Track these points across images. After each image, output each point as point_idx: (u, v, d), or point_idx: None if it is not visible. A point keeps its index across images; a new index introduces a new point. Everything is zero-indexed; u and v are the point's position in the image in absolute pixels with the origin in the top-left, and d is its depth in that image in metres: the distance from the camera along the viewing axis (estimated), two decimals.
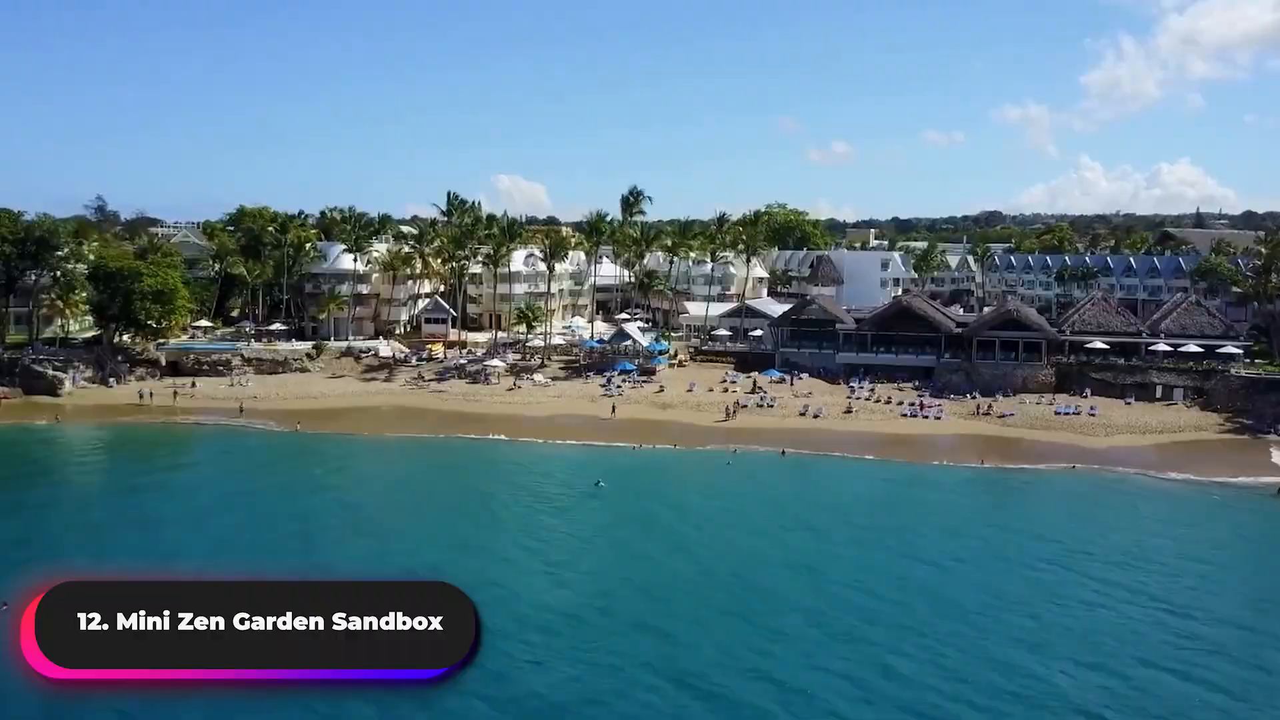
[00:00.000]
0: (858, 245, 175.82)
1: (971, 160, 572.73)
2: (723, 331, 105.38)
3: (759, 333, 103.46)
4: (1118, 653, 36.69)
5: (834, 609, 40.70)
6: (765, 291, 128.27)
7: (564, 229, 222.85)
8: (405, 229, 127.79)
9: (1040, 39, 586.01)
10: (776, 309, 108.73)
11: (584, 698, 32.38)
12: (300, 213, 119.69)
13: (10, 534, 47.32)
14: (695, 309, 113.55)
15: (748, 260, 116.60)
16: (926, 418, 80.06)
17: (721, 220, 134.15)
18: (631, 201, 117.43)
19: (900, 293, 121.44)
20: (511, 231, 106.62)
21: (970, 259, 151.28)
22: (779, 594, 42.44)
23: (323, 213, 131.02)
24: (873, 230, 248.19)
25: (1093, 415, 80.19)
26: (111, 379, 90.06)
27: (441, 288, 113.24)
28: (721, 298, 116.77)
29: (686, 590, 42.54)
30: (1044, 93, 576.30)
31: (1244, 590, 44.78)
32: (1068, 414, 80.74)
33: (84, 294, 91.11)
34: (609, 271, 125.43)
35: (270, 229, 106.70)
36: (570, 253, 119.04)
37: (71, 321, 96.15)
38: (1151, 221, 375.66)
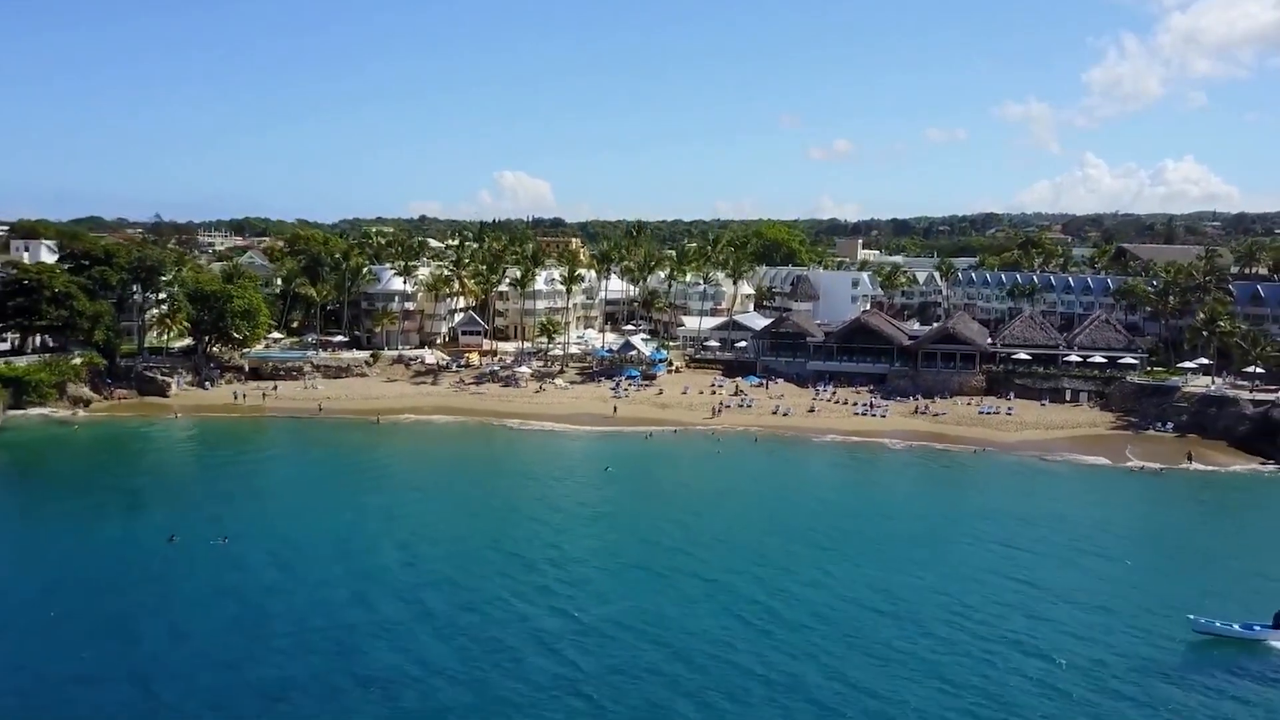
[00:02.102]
0: (839, 260, 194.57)
1: (975, 157, 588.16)
2: (713, 342, 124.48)
3: (744, 344, 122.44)
4: (953, 555, 55.52)
5: (779, 531, 59.98)
6: (752, 306, 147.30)
7: (574, 241, 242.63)
8: (433, 242, 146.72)
9: (1042, 37, 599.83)
10: (760, 322, 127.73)
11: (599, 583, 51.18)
12: (345, 233, 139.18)
13: (219, 503, 66.81)
14: (691, 322, 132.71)
15: (735, 280, 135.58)
16: (874, 415, 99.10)
17: (716, 240, 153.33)
18: (634, 233, 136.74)
19: (868, 306, 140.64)
20: (536, 258, 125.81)
21: (937, 275, 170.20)
22: (744, 513, 62.13)
23: (365, 235, 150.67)
24: (860, 241, 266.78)
25: (1009, 415, 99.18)
26: (206, 383, 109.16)
27: (473, 303, 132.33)
28: (713, 312, 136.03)
29: (674, 509, 61.47)
30: (1046, 90, 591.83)
31: (1070, 527, 63.29)
32: (989, 413, 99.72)
33: (185, 312, 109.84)
34: (616, 286, 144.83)
35: (334, 255, 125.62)
36: (583, 271, 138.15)
37: (168, 333, 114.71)
38: (1141, 225, 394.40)
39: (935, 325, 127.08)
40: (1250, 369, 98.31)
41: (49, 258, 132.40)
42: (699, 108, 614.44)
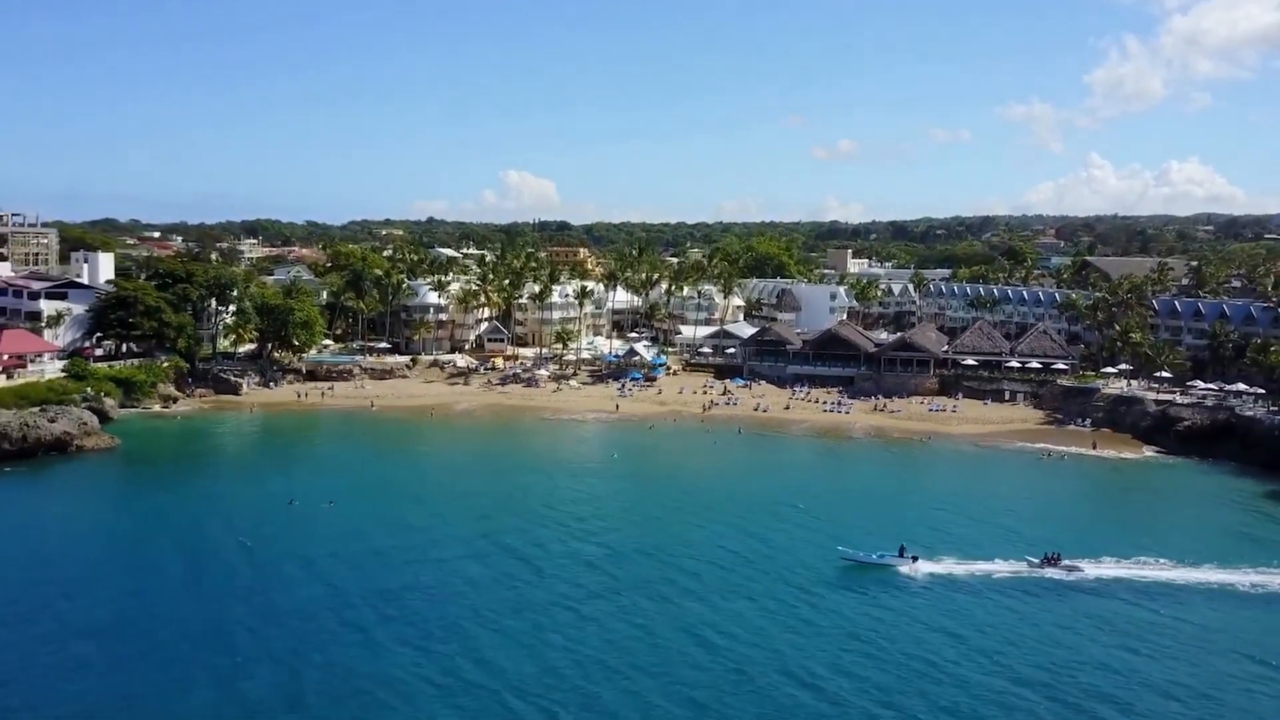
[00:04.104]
0: (823, 273, 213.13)
1: (980, 158, 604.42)
2: (706, 349, 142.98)
3: (733, 350, 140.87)
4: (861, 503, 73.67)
5: (754, 491, 77.93)
6: (742, 316, 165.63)
7: (581, 251, 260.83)
8: (449, 252, 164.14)
9: (1043, 38, 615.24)
10: (748, 331, 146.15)
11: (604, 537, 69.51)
12: (377, 246, 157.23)
13: (329, 476, 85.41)
14: (687, 330, 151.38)
15: (726, 294, 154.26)
16: (839, 412, 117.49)
17: (711, 255, 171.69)
18: (637, 255, 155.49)
19: (844, 317, 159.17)
20: (553, 276, 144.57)
21: (911, 287, 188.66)
22: (727, 482, 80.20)
23: (396, 251, 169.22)
24: (849, 251, 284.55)
25: (954, 412, 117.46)
26: (271, 383, 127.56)
27: (497, 313, 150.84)
28: (708, 322, 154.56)
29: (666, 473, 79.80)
30: (1049, 91, 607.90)
31: (957, 495, 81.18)
32: (937, 410, 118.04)
33: (254, 322, 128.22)
34: (623, 297, 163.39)
35: (375, 272, 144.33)
36: (592, 285, 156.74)
37: (238, 340, 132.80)
38: (1132, 231, 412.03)
39: (898, 335, 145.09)
40: (1160, 373, 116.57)
41: (108, 267, 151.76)
42: (703, 107, 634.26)
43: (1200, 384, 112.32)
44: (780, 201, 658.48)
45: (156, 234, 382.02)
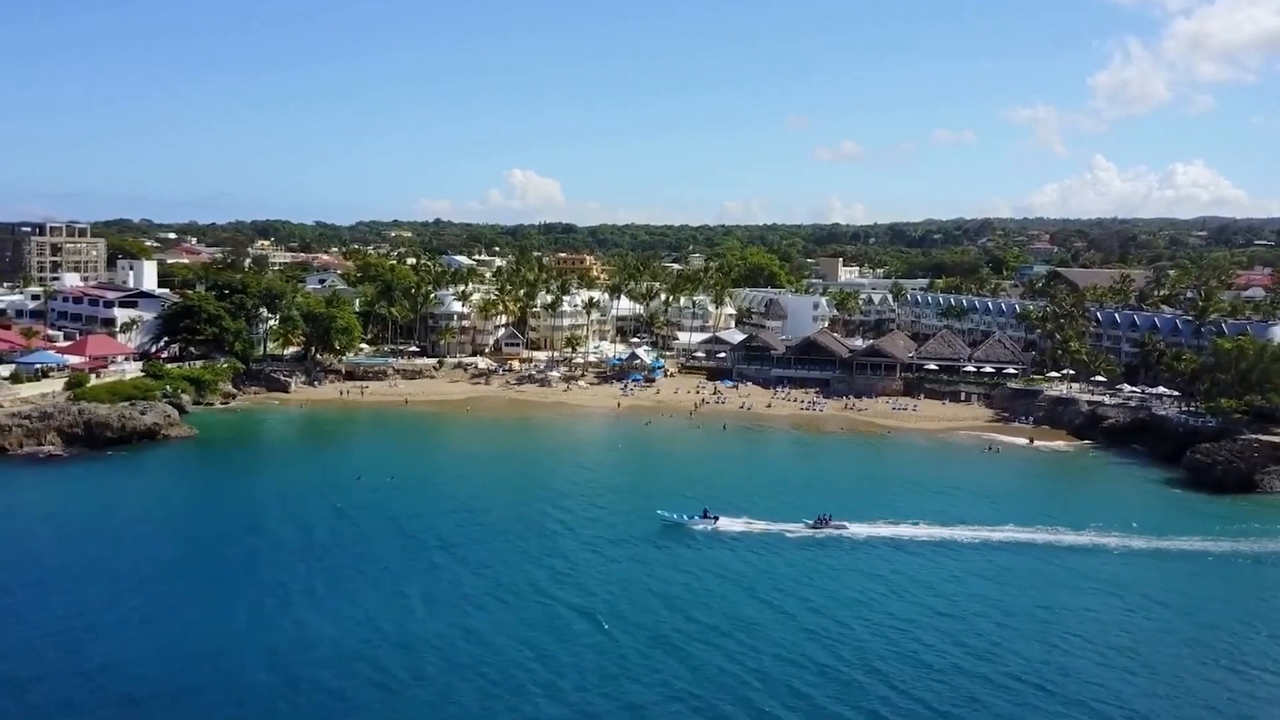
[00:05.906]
0: (811, 283, 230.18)
1: (984, 160, 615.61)
2: (700, 354, 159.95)
3: (724, 355, 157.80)
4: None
5: (735, 474, 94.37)
6: (734, 323, 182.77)
7: (587, 258, 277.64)
8: (466, 261, 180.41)
9: (1047, 41, 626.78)
10: (738, 337, 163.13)
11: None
12: (398, 255, 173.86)
13: (370, 458, 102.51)
14: (684, 336, 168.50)
15: (719, 304, 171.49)
16: (814, 409, 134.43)
17: (708, 268, 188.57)
18: (639, 268, 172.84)
19: (826, 325, 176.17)
20: (564, 287, 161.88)
21: (890, 297, 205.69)
22: (711, 467, 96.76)
23: (419, 262, 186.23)
24: (840, 260, 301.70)
25: (915, 410, 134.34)
26: (315, 382, 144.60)
27: (513, 320, 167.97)
28: (702, 329, 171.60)
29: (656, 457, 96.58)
30: (1053, 93, 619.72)
31: (895, 477, 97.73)
32: (899, 409, 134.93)
33: (300, 328, 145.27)
34: (626, 305, 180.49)
35: (405, 282, 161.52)
36: (597, 296, 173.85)
37: (284, 344, 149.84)
38: (1126, 235, 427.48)
39: (870, 342, 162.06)
40: (1095, 377, 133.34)
41: (151, 274, 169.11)
42: (706, 106, 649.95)
43: (1128, 387, 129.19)
44: (784, 203, 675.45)
45: (171, 235, 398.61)
